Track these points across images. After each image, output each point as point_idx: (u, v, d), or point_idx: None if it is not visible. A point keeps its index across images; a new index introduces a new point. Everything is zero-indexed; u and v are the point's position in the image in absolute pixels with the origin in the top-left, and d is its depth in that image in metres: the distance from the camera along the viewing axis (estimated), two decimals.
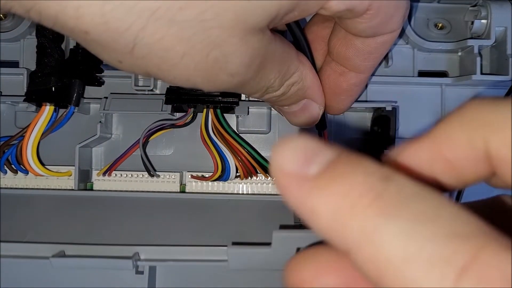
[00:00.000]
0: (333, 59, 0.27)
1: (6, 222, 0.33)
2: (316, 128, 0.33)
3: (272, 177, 0.13)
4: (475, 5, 0.35)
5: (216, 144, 0.33)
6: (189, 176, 0.35)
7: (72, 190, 0.35)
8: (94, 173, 0.36)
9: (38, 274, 0.31)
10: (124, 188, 0.35)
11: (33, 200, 0.35)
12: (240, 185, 0.35)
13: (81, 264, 0.29)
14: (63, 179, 0.35)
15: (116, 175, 0.35)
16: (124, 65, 0.20)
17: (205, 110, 0.33)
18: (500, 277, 0.10)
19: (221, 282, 0.33)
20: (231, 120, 0.36)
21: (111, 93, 0.35)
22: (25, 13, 0.18)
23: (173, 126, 0.34)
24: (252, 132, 0.36)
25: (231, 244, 0.28)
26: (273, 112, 0.36)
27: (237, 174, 0.34)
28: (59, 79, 0.33)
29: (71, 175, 0.35)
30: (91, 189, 0.35)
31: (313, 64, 0.27)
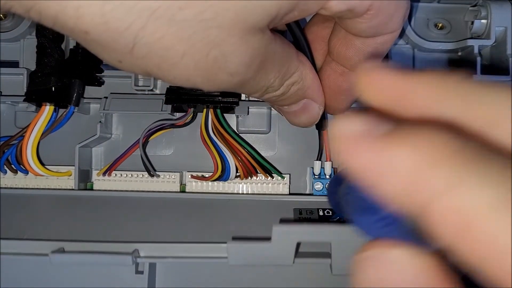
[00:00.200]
0: (333, 59, 0.27)
1: (6, 222, 0.33)
2: (316, 128, 0.33)
3: (333, 146, 0.12)
4: (475, 5, 0.35)
5: (216, 144, 0.33)
6: (189, 176, 0.35)
7: (72, 190, 0.35)
8: (94, 173, 0.36)
9: (37, 271, 0.31)
10: (124, 188, 0.35)
11: (33, 200, 0.35)
12: (240, 185, 0.35)
13: (80, 260, 0.29)
14: (63, 179, 0.35)
15: (116, 175, 0.35)
16: (124, 64, 0.20)
17: (205, 110, 0.33)
18: None
19: (221, 279, 0.33)
20: (231, 120, 0.36)
21: (111, 93, 0.35)
22: (25, 13, 0.18)
23: (173, 126, 0.34)
24: (252, 132, 0.36)
25: (231, 239, 0.28)
26: (273, 112, 0.36)
27: (237, 174, 0.34)
28: (59, 79, 0.33)
29: (71, 175, 0.35)
30: (91, 189, 0.35)
31: (313, 64, 0.27)
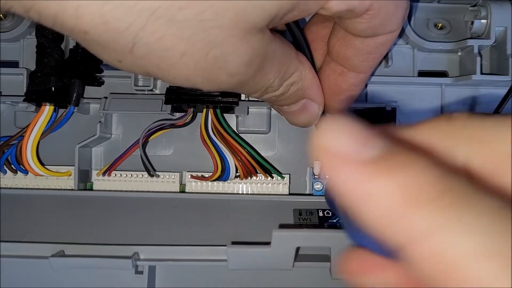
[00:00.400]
0: (332, 59, 0.27)
1: (5, 222, 0.33)
2: (316, 128, 0.33)
3: (319, 156, 0.12)
4: (475, 5, 0.35)
5: (216, 144, 0.33)
6: (189, 176, 0.35)
7: (72, 190, 0.35)
8: (94, 173, 0.36)
9: (37, 273, 0.31)
10: (124, 188, 0.35)
11: (33, 200, 0.35)
12: (240, 185, 0.35)
13: (80, 263, 0.29)
14: (63, 179, 0.35)
15: (115, 175, 0.35)
16: (123, 64, 0.20)
17: (204, 110, 0.33)
18: None
19: (221, 282, 0.33)
20: (231, 120, 0.36)
21: (111, 93, 0.35)
22: (25, 13, 0.18)
23: (173, 126, 0.34)
24: (252, 132, 0.36)
25: (231, 243, 0.28)
26: (273, 112, 0.36)
27: (237, 174, 0.34)
28: (59, 79, 0.33)
29: (70, 175, 0.35)
30: (91, 189, 0.35)
31: (313, 64, 0.27)
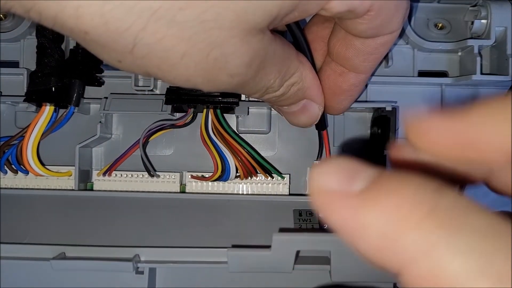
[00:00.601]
0: (333, 60, 0.27)
1: (6, 222, 0.33)
2: (316, 128, 0.33)
3: (312, 199, 0.12)
4: (475, 5, 0.35)
5: (216, 144, 0.33)
6: (189, 176, 0.35)
7: (72, 190, 0.35)
8: (94, 173, 0.36)
9: (38, 275, 0.31)
10: (124, 188, 0.35)
11: (33, 200, 0.35)
12: (240, 185, 0.35)
13: (82, 266, 0.29)
14: (63, 179, 0.35)
15: (116, 175, 0.35)
16: (123, 65, 0.20)
17: (205, 110, 0.33)
18: None
19: (221, 281, 0.33)
20: (231, 120, 0.36)
21: (111, 93, 0.35)
22: (25, 13, 0.18)
23: (173, 126, 0.34)
24: (252, 132, 0.36)
25: (231, 246, 0.28)
26: (273, 112, 0.36)
27: (237, 174, 0.34)
28: (59, 79, 0.33)
29: (71, 175, 0.35)
30: (91, 189, 0.35)
31: (313, 64, 0.27)
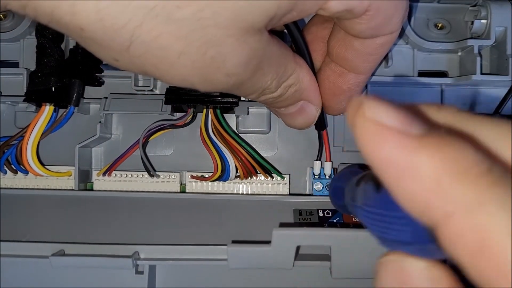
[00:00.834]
0: (332, 60, 0.27)
1: (6, 222, 0.33)
2: (316, 128, 0.33)
3: (360, 129, 0.12)
4: (475, 5, 0.35)
5: (216, 144, 0.33)
6: (189, 176, 0.35)
7: (72, 190, 0.35)
8: (94, 173, 0.36)
9: (38, 273, 0.31)
10: (124, 188, 0.35)
11: (33, 200, 0.35)
12: (240, 185, 0.35)
13: (81, 263, 0.29)
14: (63, 179, 0.35)
15: (116, 175, 0.35)
16: (120, 63, 0.20)
17: (205, 110, 0.33)
18: None
19: (221, 279, 0.33)
20: (231, 120, 0.36)
21: (111, 93, 0.35)
22: (21, 9, 0.18)
23: (173, 126, 0.34)
24: (252, 132, 0.36)
25: (231, 242, 0.28)
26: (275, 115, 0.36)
27: (237, 174, 0.34)
28: (59, 79, 0.33)
29: (71, 175, 0.35)
30: (91, 189, 0.35)
31: (312, 65, 0.27)
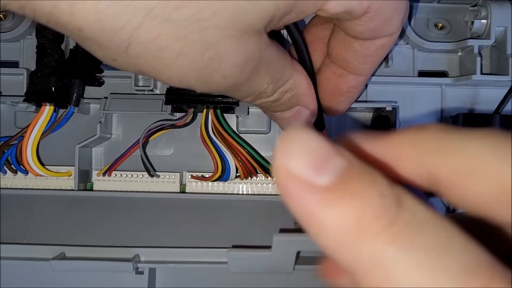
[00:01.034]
0: (332, 61, 0.27)
1: (5, 222, 0.33)
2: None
3: (274, 176, 0.12)
4: (475, 5, 0.35)
5: (216, 144, 0.33)
6: (189, 176, 0.35)
7: (72, 190, 0.35)
8: (94, 173, 0.36)
9: (38, 275, 0.31)
10: (124, 188, 0.35)
11: (33, 200, 0.35)
12: (240, 185, 0.35)
13: (81, 266, 0.29)
14: (63, 179, 0.35)
15: (116, 175, 0.35)
16: (118, 63, 0.20)
17: (205, 110, 0.33)
18: None
19: (221, 280, 0.33)
20: (231, 120, 0.36)
21: (111, 93, 0.35)
22: (20, 10, 0.18)
23: (173, 126, 0.34)
24: (252, 132, 0.36)
25: (231, 247, 0.28)
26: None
27: (237, 174, 0.34)
28: (59, 79, 0.33)
29: (71, 175, 0.35)
30: (91, 189, 0.35)
31: (311, 65, 0.27)
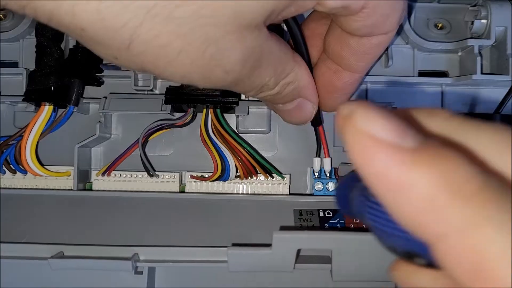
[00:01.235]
0: (328, 57, 0.27)
1: (5, 222, 0.33)
2: (312, 125, 0.33)
3: (350, 140, 0.12)
4: (475, 5, 0.35)
5: (216, 144, 0.33)
6: (189, 176, 0.35)
7: (71, 190, 0.34)
8: (93, 173, 0.35)
9: (37, 274, 0.30)
10: (124, 188, 0.35)
11: (32, 200, 0.34)
12: (240, 185, 0.35)
13: (80, 265, 0.29)
14: (62, 179, 0.35)
15: (115, 175, 0.35)
16: (119, 61, 0.20)
17: (204, 110, 0.33)
18: None
19: (221, 280, 0.32)
20: (231, 120, 0.36)
21: (111, 92, 0.35)
22: (20, 9, 0.18)
23: (173, 126, 0.34)
24: (252, 132, 0.36)
25: (231, 245, 0.28)
26: (273, 112, 0.36)
27: (237, 174, 0.34)
28: (59, 79, 0.33)
29: (70, 175, 0.35)
30: (90, 189, 0.35)
31: (309, 61, 0.28)
